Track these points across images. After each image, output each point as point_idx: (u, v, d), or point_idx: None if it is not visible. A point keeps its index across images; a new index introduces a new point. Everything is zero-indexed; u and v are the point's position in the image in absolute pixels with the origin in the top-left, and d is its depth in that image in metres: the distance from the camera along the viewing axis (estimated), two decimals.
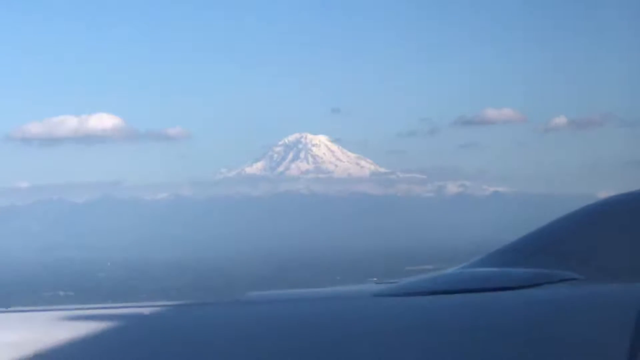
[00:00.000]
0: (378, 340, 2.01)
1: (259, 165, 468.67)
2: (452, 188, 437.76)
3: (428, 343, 2.04)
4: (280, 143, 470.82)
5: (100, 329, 2.28)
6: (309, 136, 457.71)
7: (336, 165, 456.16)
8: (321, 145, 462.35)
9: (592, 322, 2.01)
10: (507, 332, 2.02)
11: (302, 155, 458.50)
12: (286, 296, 2.96)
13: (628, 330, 1.90)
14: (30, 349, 2.12)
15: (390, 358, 1.96)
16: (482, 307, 2.19)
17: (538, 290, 2.18)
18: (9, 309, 2.88)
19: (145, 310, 2.55)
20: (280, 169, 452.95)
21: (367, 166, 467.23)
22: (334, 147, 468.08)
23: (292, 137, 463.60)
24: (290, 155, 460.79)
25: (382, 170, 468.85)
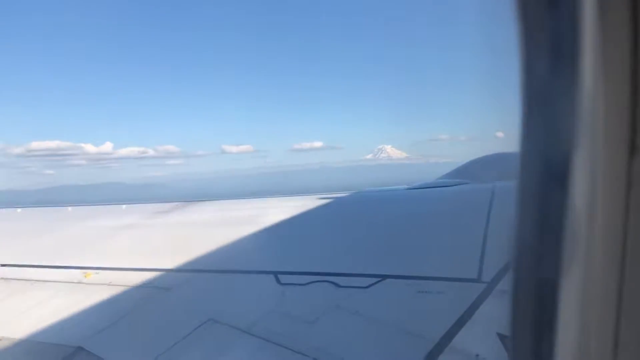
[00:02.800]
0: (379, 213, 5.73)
1: (370, 156, 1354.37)
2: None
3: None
4: (377, 148, 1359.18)
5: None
6: (385, 145, 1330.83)
7: (394, 155, 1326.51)
8: (389, 149, 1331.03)
9: (463, 200, 5.94)
10: (428, 205, 6.02)
11: (383, 152, 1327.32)
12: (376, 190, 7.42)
13: (485, 207, 4.93)
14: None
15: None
16: (424, 195, 6.67)
17: (453, 187, 6.88)
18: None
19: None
20: (377, 156, 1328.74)
21: (401, 154, 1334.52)
22: (394, 149, 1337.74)
23: (380, 146, 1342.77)
24: (380, 152, 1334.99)
25: (410, 155, 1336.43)
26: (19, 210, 8.82)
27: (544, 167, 0.63)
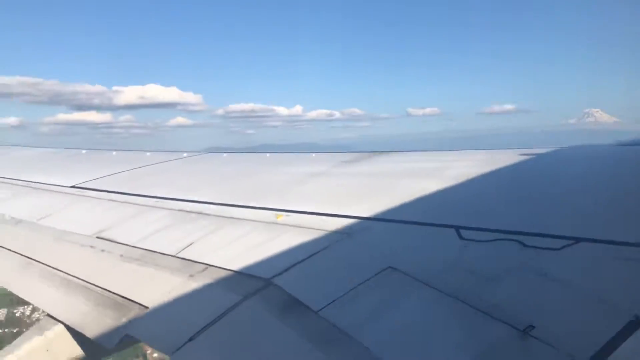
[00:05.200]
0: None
1: (573, 120, 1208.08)
2: None
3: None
4: (583, 111, 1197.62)
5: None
6: (593, 109, 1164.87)
7: (603, 120, 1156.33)
8: (597, 113, 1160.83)
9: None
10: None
11: (590, 116, 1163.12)
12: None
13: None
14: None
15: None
16: (634, 153, 5.76)
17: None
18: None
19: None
20: (582, 120, 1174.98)
21: (611, 119, 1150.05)
22: (603, 113, 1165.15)
23: (587, 110, 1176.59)
24: (586, 116, 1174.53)
25: (621, 120, 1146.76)
26: (224, 155, 9.86)
27: None
